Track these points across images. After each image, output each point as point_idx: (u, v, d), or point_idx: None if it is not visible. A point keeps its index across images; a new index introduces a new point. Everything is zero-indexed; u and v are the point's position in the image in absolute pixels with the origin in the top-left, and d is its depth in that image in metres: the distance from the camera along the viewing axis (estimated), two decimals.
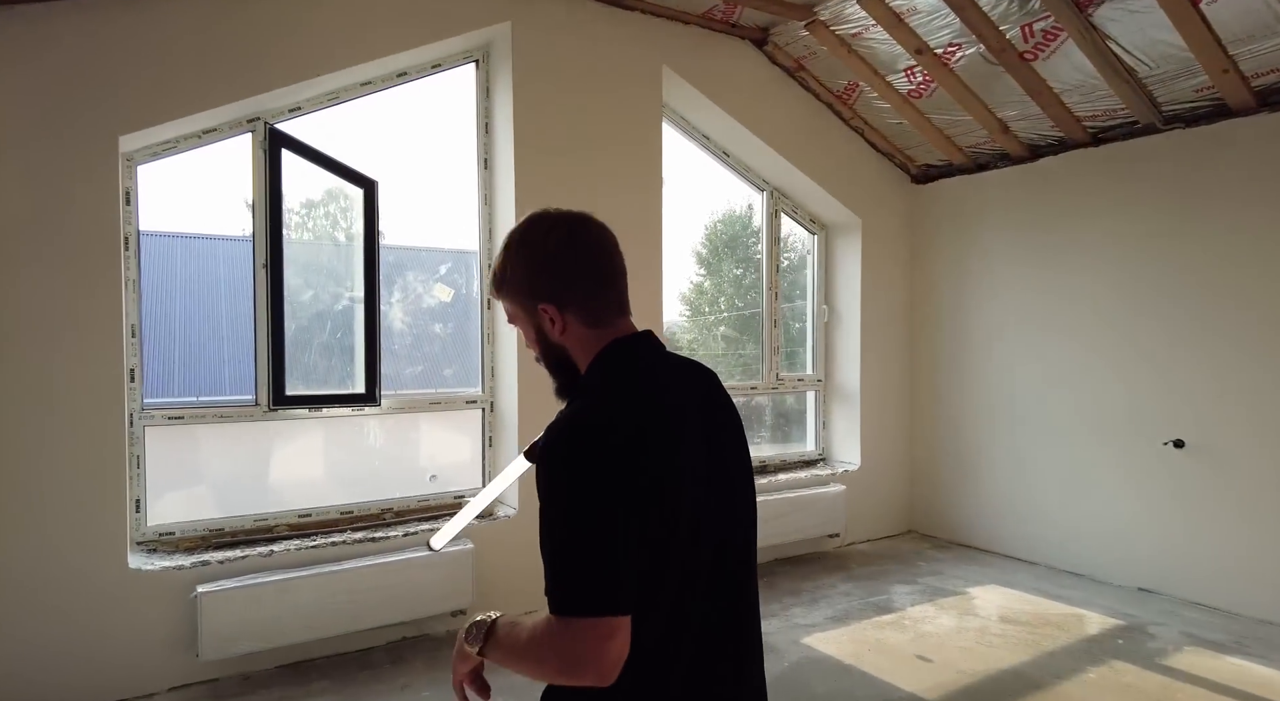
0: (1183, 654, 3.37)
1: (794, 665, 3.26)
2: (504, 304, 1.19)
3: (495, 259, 1.20)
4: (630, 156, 4.14)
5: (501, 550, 3.70)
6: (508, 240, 1.19)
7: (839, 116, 5.02)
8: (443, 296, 3.98)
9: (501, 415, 3.95)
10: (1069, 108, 4.20)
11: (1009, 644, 3.49)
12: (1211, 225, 3.90)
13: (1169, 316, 4.05)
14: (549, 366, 1.20)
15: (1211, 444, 3.90)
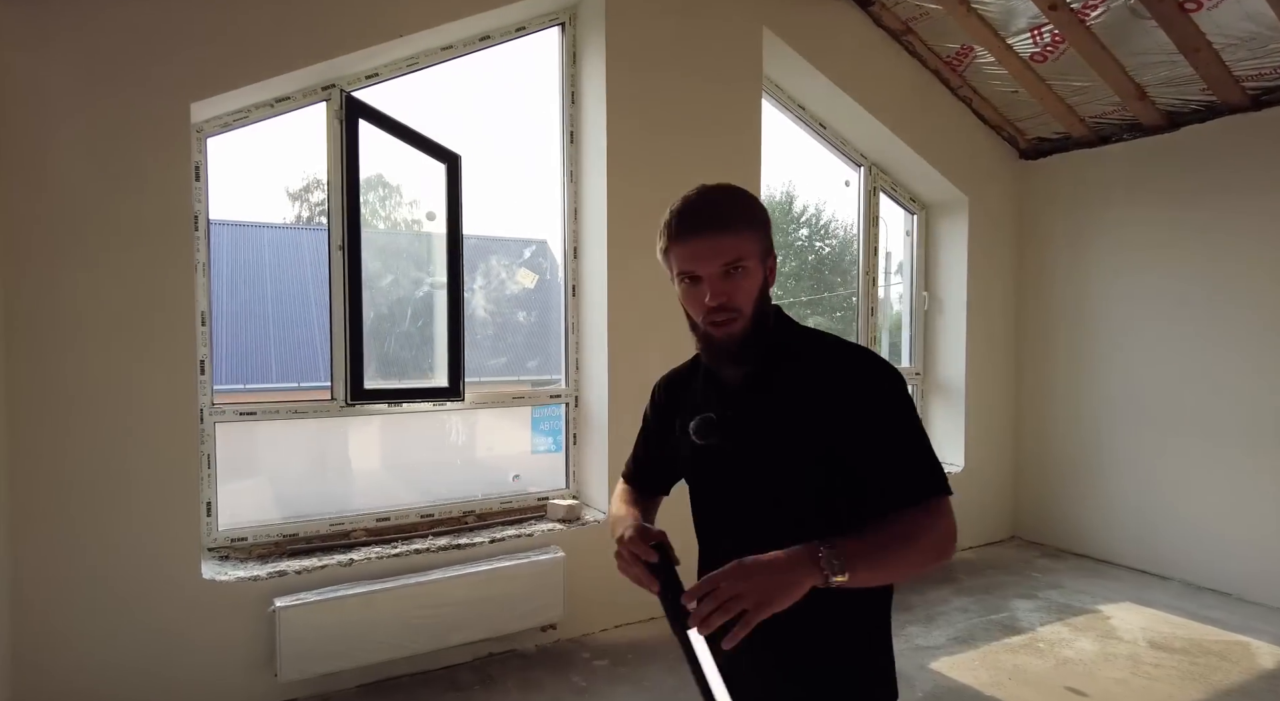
0: None
1: (929, 695, 2.90)
2: (736, 242, 1.13)
3: (729, 197, 1.17)
4: (729, 127, 3.77)
5: (592, 558, 3.39)
6: (736, 189, 1.19)
7: (946, 85, 4.57)
8: (526, 282, 3.68)
9: (587, 411, 3.64)
10: (1229, 67, 3.70)
11: (1170, 677, 3.07)
12: None
13: None
14: (754, 319, 1.16)
15: None
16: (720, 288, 1.13)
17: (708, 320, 1.16)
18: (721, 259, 1.12)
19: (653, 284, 3.56)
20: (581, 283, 3.65)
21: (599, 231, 3.49)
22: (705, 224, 1.12)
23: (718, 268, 1.12)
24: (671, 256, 1.17)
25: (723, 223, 1.12)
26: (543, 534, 3.29)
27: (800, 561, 0.97)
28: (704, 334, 1.20)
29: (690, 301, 1.18)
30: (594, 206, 3.54)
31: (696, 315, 1.19)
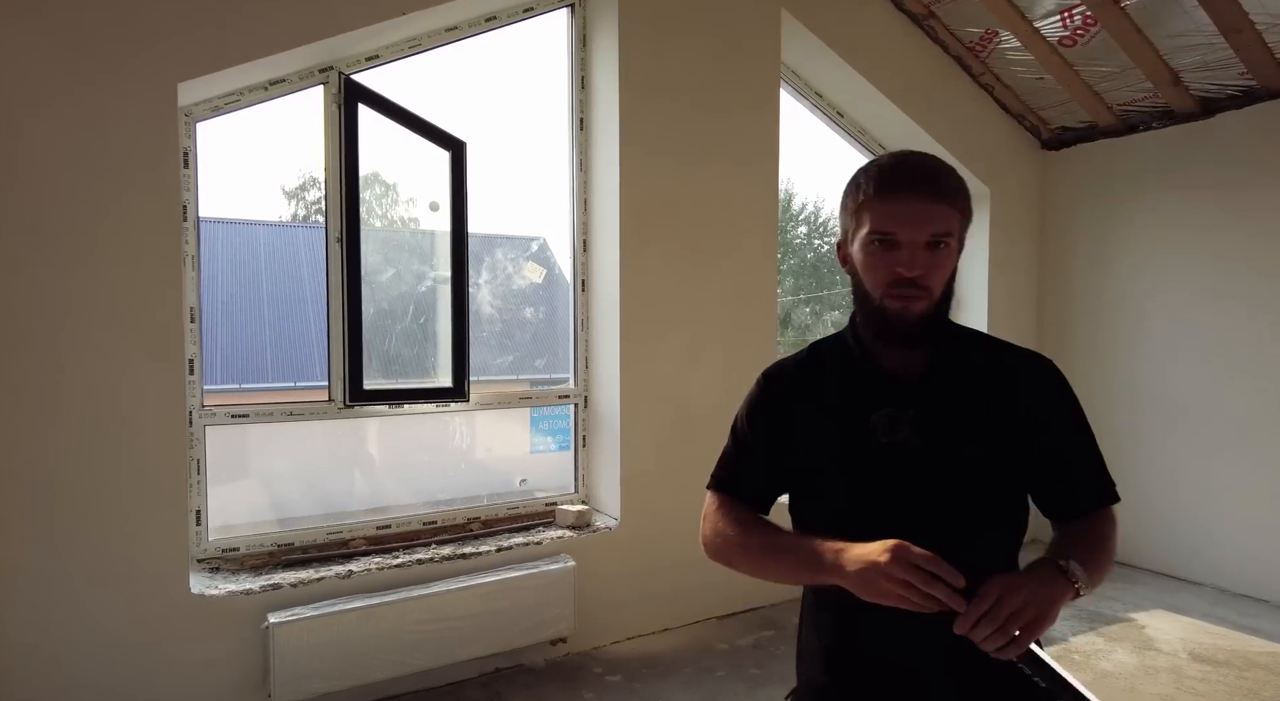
0: None
1: None
2: (948, 214, 1.03)
3: (944, 165, 1.06)
4: (746, 113, 3.59)
5: (604, 567, 3.22)
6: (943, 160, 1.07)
7: (968, 72, 4.40)
8: (534, 277, 3.50)
9: (597, 412, 3.46)
10: (1271, 48, 3.53)
11: (1219, 693, 2.90)
12: None
13: None
14: (939, 303, 1.06)
15: None
16: (920, 258, 1.01)
17: (891, 291, 1.04)
18: (931, 227, 1.01)
19: (669, 276, 3.39)
20: (592, 277, 3.47)
21: (611, 222, 3.32)
22: (921, 184, 1.02)
23: (924, 235, 1.01)
24: (867, 212, 1.04)
25: (939, 189, 1.02)
26: (552, 541, 3.11)
27: (1055, 578, 0.96)
28: (878, 307, 1.06)
29: (876, 266, 1.05)
30: (605, 196, 3.36)
31: (877, 284, 1.05)
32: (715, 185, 3.50)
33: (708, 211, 3.49)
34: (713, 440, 3.44)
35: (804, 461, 1.15)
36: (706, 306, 3.51)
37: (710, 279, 3.51)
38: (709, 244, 3.50)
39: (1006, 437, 1.07)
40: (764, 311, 3.69)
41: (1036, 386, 1.11)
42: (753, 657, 3.17)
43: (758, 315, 3.67)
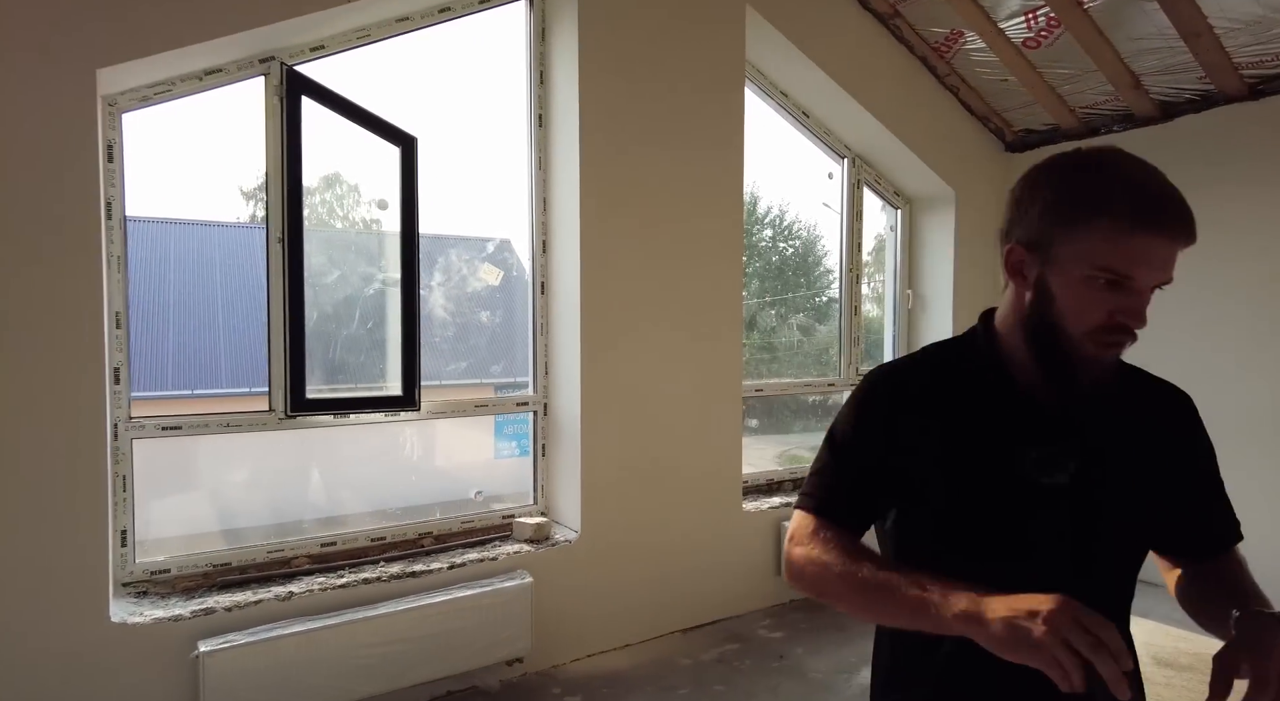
0: None
1: None
2: (1175, 259, 0.90)
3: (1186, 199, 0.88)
4: (711, 111, 3.50)
5: (564, 582, 3.10)
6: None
7: (933, 73, 4.37)
8: (490, 279, 3.36)
9: (557, 419, 3.33)
10: (1229, 53, 3.54)
11: (1183, 699, 2.87)
12: None
13: None
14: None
15: None
16: (1146, 306, 0.89)
17: (1101, 336, 0.90)
18: (1167, 272, 0.89)
19: (632, 279, 3.28)
20: (552, 279, 3.34)
21: (571, 223, 3.20)
22: (1185, 223, 0.86)
23: (1159, 280, 0.89)
24: (1103, 240, 0.87)
25: (1192, 230, 0.87)
26: (508, 557, 2.98)
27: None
28: (1074, 347, 0.92)
29: (1092, 306, 0.89)
30: (565, 195, 3.24)
31: (1084, 324, 0.90)
32: (679, 185, 3.40)
33: (672, 212, 3.39)
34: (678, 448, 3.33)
35: (923, 488, 0.99)
36: (671, 310, 3.40)
37: (675, 281, 3.41)
38: (673, 245, 3.40)
39: (1160, 482, 1.01)
40: (729, 315, 3.60)
41: (1181, 423, 1.06)
42: (717, 673, 3.07)
43: (723, 318, 3.58)
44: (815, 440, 4.93)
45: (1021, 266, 0.95)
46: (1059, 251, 0.90)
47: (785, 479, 4.18)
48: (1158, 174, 0.89)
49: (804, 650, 3.28)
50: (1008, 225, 0.98)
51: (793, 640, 3.38)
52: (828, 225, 4.64)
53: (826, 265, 4.78)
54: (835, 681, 3.01)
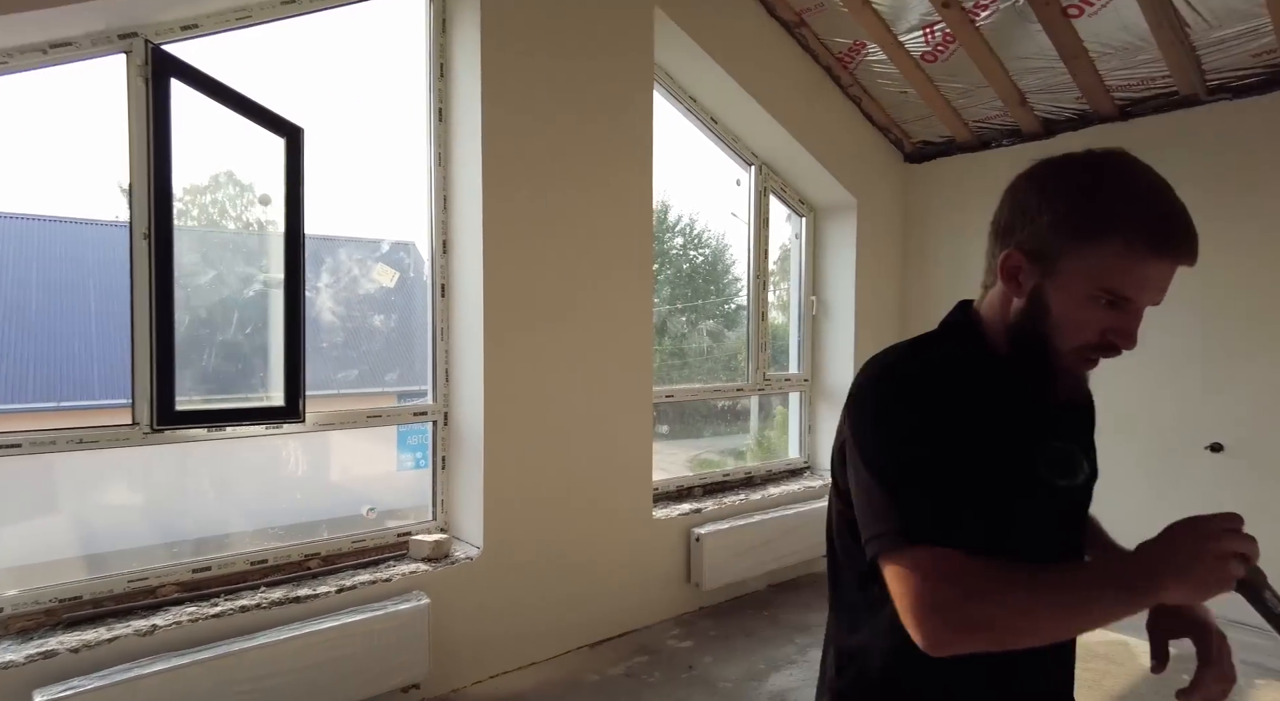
0: (1259, 690, 2.98)
1: None
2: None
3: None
4: (619, 110, 3.43)
5: (465, 601, 2.94)
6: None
7: (837, 83, 4.46)
8: (385, 280, 3.17)
9: (459, 430, 3.18)
10: (1102, 76, 3.77)
11: None
12: (1259, 211, 3.54)
13: (1210, 313, 3.68)
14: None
15: (1252, 447, 3.56)
16: (1138, 327, 0.89)
17: (1086, 353, 0.90)
18: (1163, 295, 0.88)
19: (538, 282, 3.17)
20: (453, 281, 3.19)
21: (473, 222, 3.05)
22: (1191, 248, 0.85)
23: (1156, 302, 0.88)
24: (1113, 259, 0.84)
25: (1197, 251, 0.85)
26: (404, 577, 2.80)
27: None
28: (1066, 364, 0.91)
29: (1088, 324, 0.88)
30: (467, 194, 3.09)
31: (1076, 339, 0.89)
32: (589, 186, 3.31)
33: (580, 213, 3.29)
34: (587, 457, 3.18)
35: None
36: (580, 314, 3.31)
37: (584, 285, 3.32)
38: (583, 248, 3.31)
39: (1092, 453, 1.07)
40: (640, 320, 3.54)
41: (1091, 406, 1.10)
42: (625, 688, 2.99)
43: (634, 324, 3.51)
44: (725, 444, 4.95)
45: (1018, 273, 0.92)
46: (1064, 266, 0.87)
47: (695, 485, 4.15)
48: (1168, 190, 0.86)
49: (713, 658, 3.24)
50: (1006, 227, 0.94)
51: (702, 649, 3.34)
52: (736, 234, 4.67)
53: (735, 273, 4.82)
54: (745, 689, 2.98)
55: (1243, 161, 3.58)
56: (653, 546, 3.61)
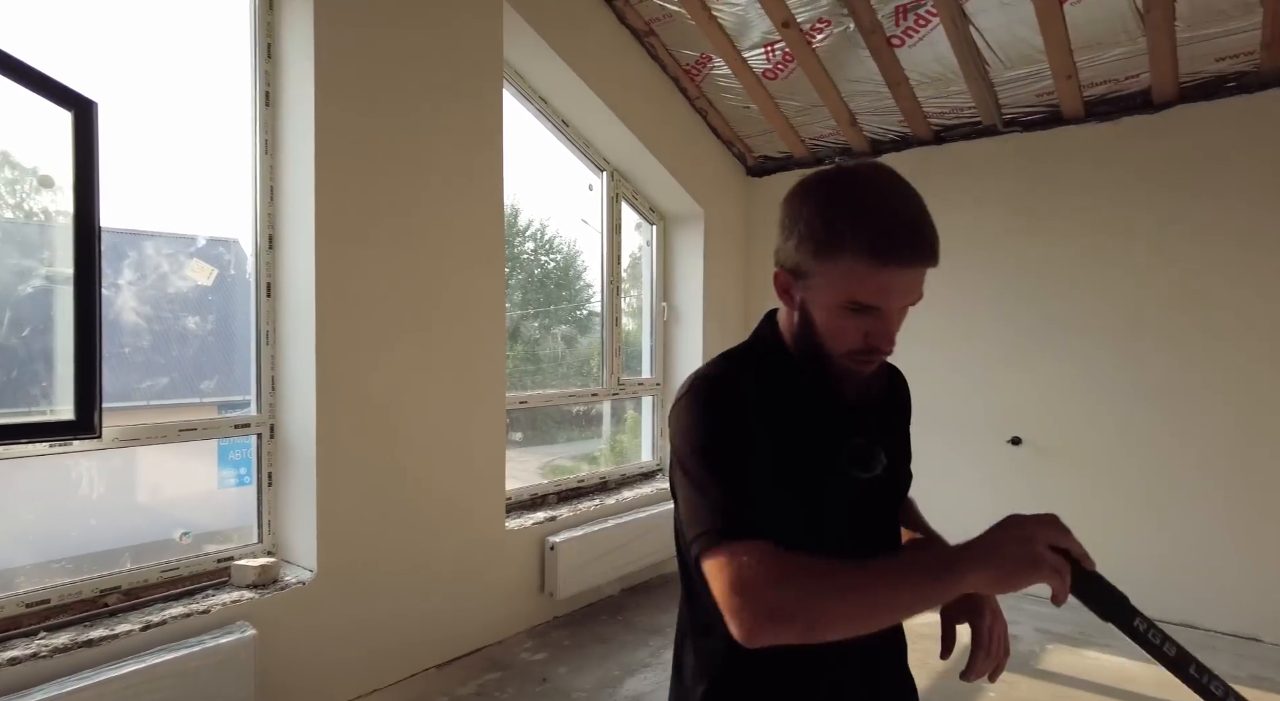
0: (1049, 653, 3.35)
1: None
2: (923, 278, 0.94)
3: (933, 225, 0.91)
4: (467, 107, 3.30)
5: (298, 629, 2.69)
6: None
7: (684, 94, 4.58)
8: (200, 278, 2.84)
9: (288, 443, 2.91)
10: (920, 103, 4.13)
11: None
12: (1046, 227, 4.02)
13: (1014, 314, 4.12)
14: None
15: (1046, 439, 4.02)
16: (896, 328, 0.94)
17: (856, 356, 0.95)
18: (913, 296, 0.92)
19: (378, 282, 2.97)
20: (281, 280, 2.92)
21: (305, 215, 2.81)
22: (926, 252, 0.89)
23: (905, 303, 0.92)
24: (847, 275, 0.89)
25: (935, 251, 0.89)
26: (225, 607, 2.51)
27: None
28: (839, 367, 0.97)
29: (845, 331, 0.94)
30: (298, 186, 2.85)
31: (840, 345, 0.95)
32: (433, 179, 3.16)
33: (425, 208, 3.14)
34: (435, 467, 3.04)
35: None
36: (427, 317, 3.14)
37: (431, 287, 3.15)
38: (427, 245, 3.14)
39: (906, 445, 1.15)
40: (492, 324, 3.42)
41: (905, 399, 1.19)
42: None
43: (485, 327, 3.39)
44: (578, 449, 4.91)
45: (788, 289, 0.99)
46: (815, 282, 0.93)
47: (550, 492, 4.07)
48: (905, 199, 0.91)
49: (567, 669, 3.18)
50: (776, 248, 0.99)
51: (556, 660, 3.27)
52: (587, 240, 4.66)
53: (587, 279, 4.80)
54: (599, 697, 2.94)
55: (1032, 187, 4.05)
56: (506, 558, 3.50)
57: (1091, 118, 3.88)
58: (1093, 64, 3.60)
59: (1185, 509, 3.63)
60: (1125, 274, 3.80)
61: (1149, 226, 3.73)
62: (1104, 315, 3.84)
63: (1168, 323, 3.68)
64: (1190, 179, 3.63)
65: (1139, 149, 3.75)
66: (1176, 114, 3.66)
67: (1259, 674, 3.15)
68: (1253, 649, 3.39)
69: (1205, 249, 3.59)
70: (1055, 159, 3.98)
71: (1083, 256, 3.90)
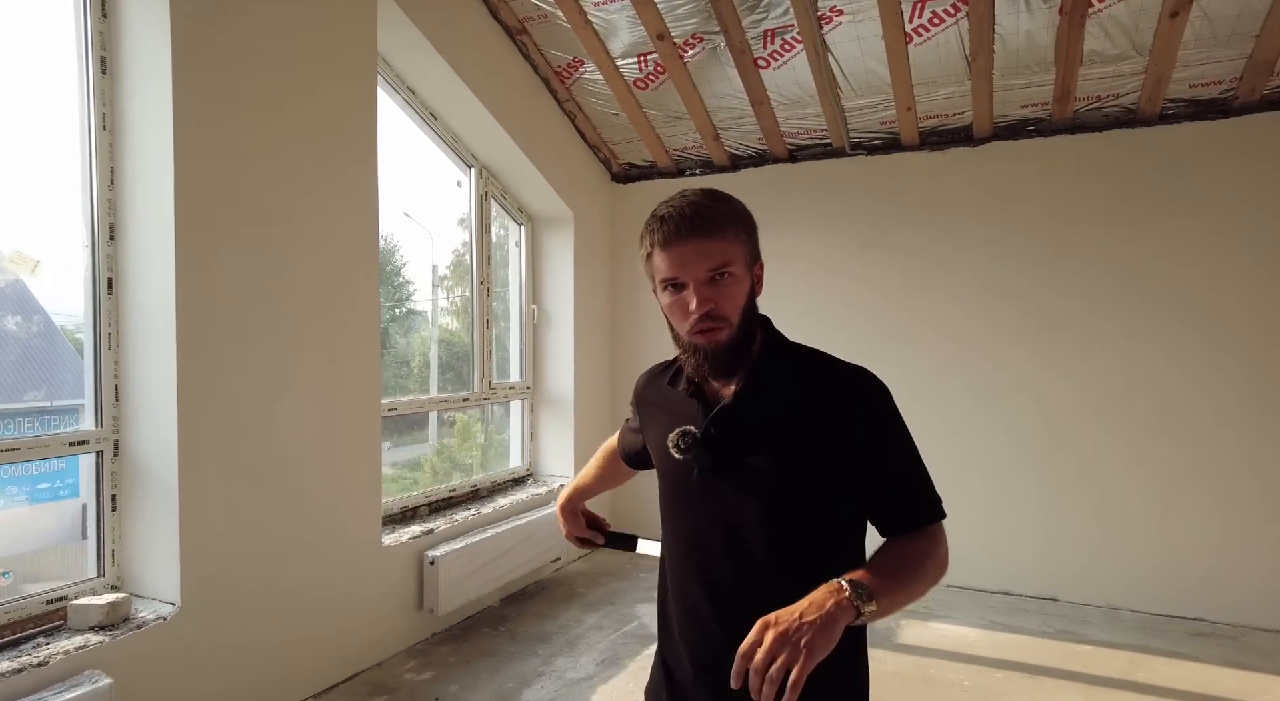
0: (903, 628, 3.71)
1: None
2: (723, 246, 1.09)
3: (714, 200, 1.12)
4: (342, 89, 3.07)
5: (160, 671, 2.36)
6: (720, 192, 1.15)
7: (554, 96, 4.56)
8: (22, 270, 2.39)
9: (137, 462, 2.54)
10: (779, 122, 4.42)
11: None
12: (888, 240, 4.46)
13: (852, 322, 4.53)
14: (742, 323, 1.11)
15: None
16: (706, 294, 1.08)
17: (694, 329, 1.10)
18: (707, 264, 1.07)
19: (245, 280, 2.69)
20: (125, 275, 2.54)
21: (160, 202, 2.47)
22: (691, 228, 1.07)
23: (703, 273, 1.07)
24: (654, 263, 1.12)
25: (708, 226, 1.07)
26: (68, 656, 2.14)
27: (830, 603, 0.90)
28: (689, 344, 1.13)
29: (675, 311, 1.12)
30: (150, 169, 2.49)
31: (681, 325, 1.12)
32: (306, 171, 2.90)
33: (298, 202, 2.87)
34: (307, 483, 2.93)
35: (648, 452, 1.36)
36: (299, 318, 2.88)
37: (301, 287, 2.89)
38: (299, 242, 2.88)
39: (806, 451, 1.07)
40: (366, 325, 3.20)
41: (850, 402, 1.09)
42: None
43: (359, 332, 3.16)
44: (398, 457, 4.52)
45: (653, 288, 1.18)
46: (653, 284, 1.16)
47: (421, 504, 3.87)
48: (681, 199, 1.12)
49: (459, 686, 3.05)
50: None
51: (445, 677, 3.13)
52: (408, 234, 4.38)
53: (406, 275, 4.55)
54: None
55: (877, 207, 4.48)
56: (382, 576, 3.28)
57: (925, 146, 4.37)
58: (929, 98, 4.06)
59: (1000, 493, 4.20)
60: (956, 284, 4.31)
61: (973, 244, 4.27)
62: (933, 323, 4.34)
63: (981, 330, 4.24)
64: (1000, 206, 4.20)
65: (963, 176, 4.28)
66: (990, 148, 4.23)
67: (1062, 628, 3.71)
68: (1053, 608, 3.99)
69: (1010, 269, 4.18)
70: (895, 180, 4.43)
71: (918, 270, 4.38)
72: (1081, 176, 4.03)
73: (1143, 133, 3.91)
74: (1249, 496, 3.72)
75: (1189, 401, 3.84)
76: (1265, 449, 3.69)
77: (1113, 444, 3.99)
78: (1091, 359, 4.03)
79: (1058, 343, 4.10)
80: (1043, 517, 4.13)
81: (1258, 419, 3.71)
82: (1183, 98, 3.77)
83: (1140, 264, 3.92)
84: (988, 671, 3.23)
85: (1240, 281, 3.75)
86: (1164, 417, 3.89)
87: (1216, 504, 3.78)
